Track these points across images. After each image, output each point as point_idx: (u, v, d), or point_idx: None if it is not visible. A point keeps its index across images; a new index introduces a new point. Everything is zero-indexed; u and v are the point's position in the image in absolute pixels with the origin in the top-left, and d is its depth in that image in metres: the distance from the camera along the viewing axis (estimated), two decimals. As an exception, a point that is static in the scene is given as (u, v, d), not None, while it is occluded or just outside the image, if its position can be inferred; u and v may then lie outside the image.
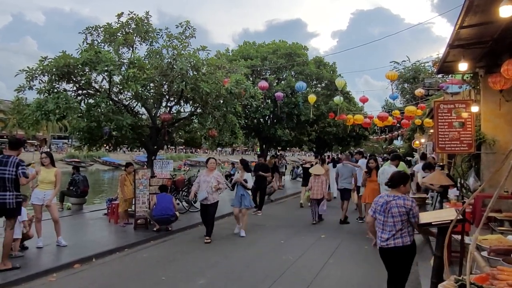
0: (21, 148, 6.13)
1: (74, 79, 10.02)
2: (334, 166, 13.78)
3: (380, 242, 4.16)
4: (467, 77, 8.96)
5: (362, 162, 15.66)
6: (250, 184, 8.83)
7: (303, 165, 15.93)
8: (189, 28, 11.17)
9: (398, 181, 4.19)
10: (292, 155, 75.63)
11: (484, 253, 3.33)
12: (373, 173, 9.10)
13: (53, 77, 9.58)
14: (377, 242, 4.23)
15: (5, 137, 47.10)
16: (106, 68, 9.22)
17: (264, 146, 22.60)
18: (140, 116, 11.80)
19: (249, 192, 8.94)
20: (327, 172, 12.75)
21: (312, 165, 13.75)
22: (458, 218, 3.32)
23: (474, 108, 8.10)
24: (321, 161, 13.05)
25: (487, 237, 4.00)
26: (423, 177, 8.59)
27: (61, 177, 7.33)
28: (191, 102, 11.69)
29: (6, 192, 5.61)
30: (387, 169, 8.02)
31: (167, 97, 11.55)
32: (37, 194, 7.08)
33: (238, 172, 9.44)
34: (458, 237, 4.41)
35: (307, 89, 18.32)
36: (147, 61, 10.63)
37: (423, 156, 12.81)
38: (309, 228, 9.69)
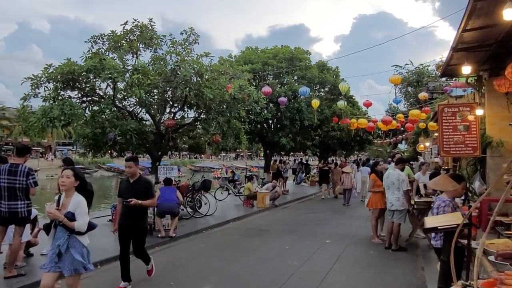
0: (27, 155, 6.20)
1: (79, 86, 10.11)
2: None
3: (433, 242, 4.50)
4: (471, 80, 8.91)
5: (365, 170, 16.06)
6: (82, 223, 4.00)
7: (323, 168, 19.48)
8: (193, 35, 11.27)
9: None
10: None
11: (491, 258, 3.29)
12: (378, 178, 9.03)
13: (58, 84, 9.67)
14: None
15: (10, 144, 47.45)
16: (110, 75, 9.29)
17: (268, 151, 22.61)
18: (144, 122, 11.86)
19: (82, 239, 4.12)
20: (339, 172, 16.90)
21: (329, 168, 18.86)
22: (465, 222, 3.29)
23: (479, 111, 8.05)
24: (335, 165, 18.41)
25: (494, 241, 3.95)
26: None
27: None
28: (194, 108, 11.74)
29: (18, 201, 5.71)
30: (392, 173, 7.98)
31: (171, 103, 11.61)
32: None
33: (55, 201, 4.12)
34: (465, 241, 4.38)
35: (311, 93, 18.32)
36: (151, 68, 10.70)
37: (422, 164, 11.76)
38: (314, 233, 9.65)
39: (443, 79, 17.45)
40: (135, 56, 10.95)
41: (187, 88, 9.95)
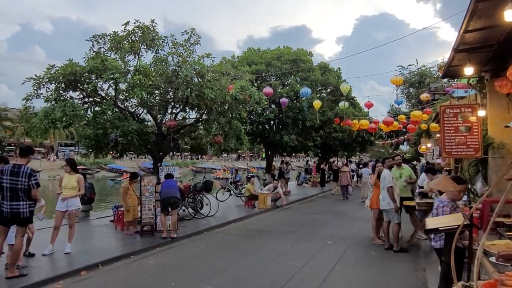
0: (30, 156, 6.24)
1: (81, 87, 10.12)
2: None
3: (433, 242, 4.52)
4: (473, 81, 8.89)
5: (366, 171, 16.12)
6: None
7: (333, 167, 23.32)
8: (194, 36, 11.25)
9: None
10: (298, 161, 75.47)
11: (492, 259, 3.28)
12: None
13: (60, 85, 9.69)
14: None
15: (13, 145, 47.63)
16: (112, 76, 9.31)
17: (269, 152, 22.61)
18: (145, 123, 11.87)
19: None
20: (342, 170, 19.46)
21: (338, 168, 21.49)
22: (465, 223, 3.29)
23: (481, 112, 8.03)
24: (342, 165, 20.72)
25: (495, 243, 3.94)
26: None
27: (83, 183, 7.63)
28: (196, 108, 11.73)
29: (20, 202, 5.73)
30: (385, 174, 7.98)
31: (173, 104, 11.61)
32: (60, 201, 7.28)
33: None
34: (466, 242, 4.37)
35: (312, 94, 18.31)
36: (152, 69, 10.70)
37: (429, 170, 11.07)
38: (315, 234, 9.64)
39: (445, 80, 17.42)
40: (136, 57, 10.96)
41: (189, 89, 9.95)
